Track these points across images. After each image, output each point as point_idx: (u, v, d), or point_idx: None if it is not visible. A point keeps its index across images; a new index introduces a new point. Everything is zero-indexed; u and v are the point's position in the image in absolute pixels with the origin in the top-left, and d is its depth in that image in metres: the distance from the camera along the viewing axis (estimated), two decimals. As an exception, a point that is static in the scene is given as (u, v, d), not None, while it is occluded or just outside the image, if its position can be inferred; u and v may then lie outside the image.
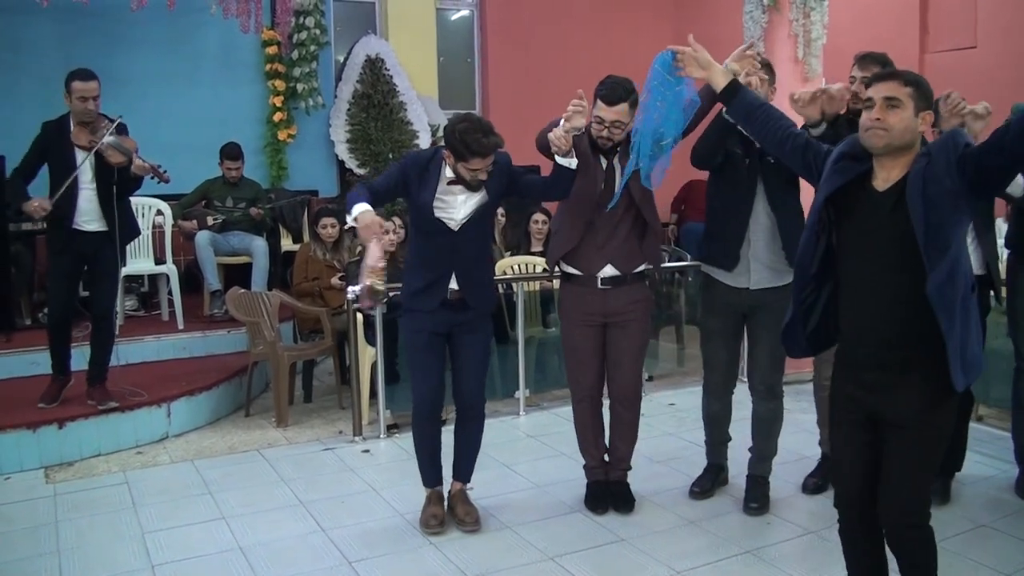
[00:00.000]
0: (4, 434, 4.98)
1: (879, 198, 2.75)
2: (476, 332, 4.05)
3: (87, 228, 5.08)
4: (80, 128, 5.03)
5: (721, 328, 4.26)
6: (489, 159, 3.78)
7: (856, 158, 2.82)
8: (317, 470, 4.96)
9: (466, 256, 3.92)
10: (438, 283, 3.92)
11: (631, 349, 4.19)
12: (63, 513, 4.41)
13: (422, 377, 4.04)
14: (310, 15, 8.85)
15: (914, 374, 2.75)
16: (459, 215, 3.86)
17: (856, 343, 2.85)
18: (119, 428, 5.32)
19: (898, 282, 2.72)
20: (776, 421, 4.32)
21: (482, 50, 10.17)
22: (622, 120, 3.92)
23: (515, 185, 3.98)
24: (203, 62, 8.62)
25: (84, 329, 5.51)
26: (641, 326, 4.21)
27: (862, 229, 2.78)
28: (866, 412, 2.86)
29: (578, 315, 4.16)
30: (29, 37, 7.95)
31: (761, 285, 4.10)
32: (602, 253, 4.07)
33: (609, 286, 4.09)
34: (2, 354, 6.11)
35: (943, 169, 2.61)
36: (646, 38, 10.04)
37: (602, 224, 4.05)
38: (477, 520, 4.13)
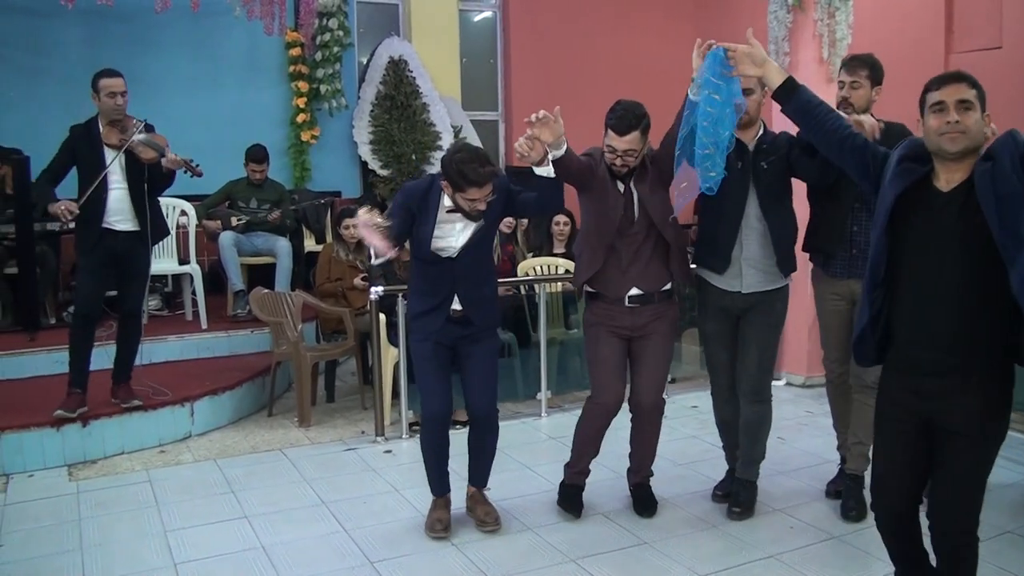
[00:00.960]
0: (28, 432, 5.02)
1: (945, 199, 2.74)
2: (481, 343, 4.05)
3: (119, 228, 5.09)
4: (110, 128, 5.05)
5: (718, 331, 4.24)
6: (487, 189, 3.76)
7: (918, 160, 2.82)
8: (339, 470, 4.97)
9: (466, 278, 3.95)
10: (441, 306, 3.96)
11: (656, 362, 4.18)
12: (86, 511, 4.44)
13: (429, 387, 4.06)
14: (334, 17, 8.87)
15: (975, 380, 2.74)
16: (458, 243, 3.89)
17: (917, 347, 2.81)
18: (142, 427, 5.36)
19: (964, 283, 2.71)
20: (763, 425, 4.27)
21: (505, 51, 10.17)
22: (634, 148, 3.90)
23: (512, 205, 4.01)
24: (227, 64, 8.66)
25: (108, 328, 5.55)
26: (666, 339, 4.19)
27: (927, 231, 2.76)
28: (921, 419, 2.84)
29: (605, 328, 4.13)
30: (54, 39, 8.02)
31: (753, 288, 4.07)
32: (627, 276, 4.05)
33: (637, 304, 4.08)
34: (27, 353, 6.17)
35: (1009, 167, 2.61)
36: (668, 39, 10.03)
37: (624, 248, 4.03)
38: (497, 520, 4.14)
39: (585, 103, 7.05)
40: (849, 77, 4.17)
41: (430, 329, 3.97)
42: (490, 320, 4.10)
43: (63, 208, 4.89)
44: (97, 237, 5.05)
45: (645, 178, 4.02)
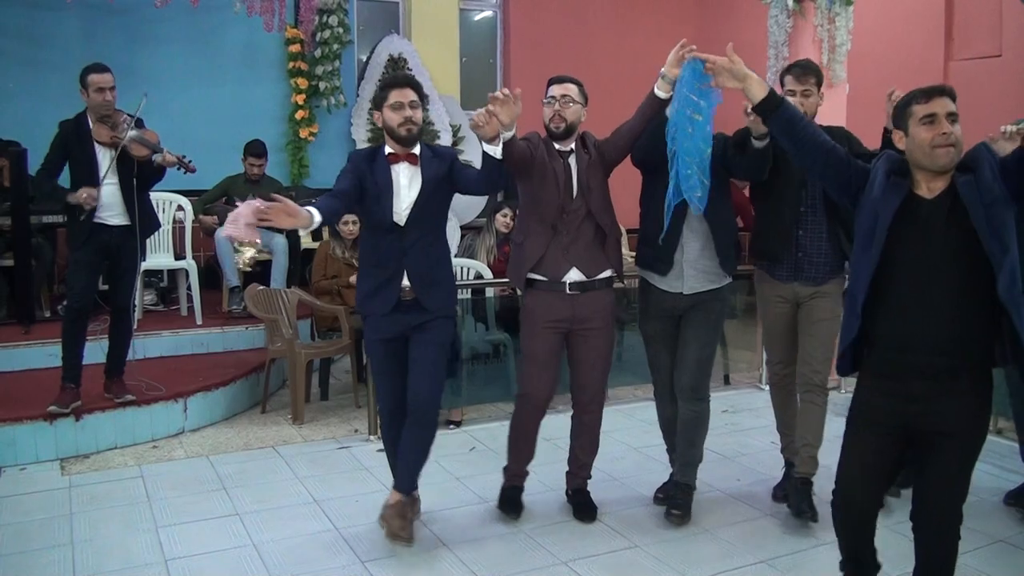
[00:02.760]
0: (21, 425, 5.01)
1: (930, 207, 2.80)
2: (429, 331, 3.91)
3: (111, 222, 5.09)
4: (100, 124, 5.04)
5: (659, 331, 4.23)
6: (408, 91, 3.77)
7: (901, 174, 2.88)
8: (332, 468, 4.96)
9: (416, 254, 3.83)
10: (389, 283, 3.83)
11: (598, 356, 4.15)
12: (78, 505, 4.43)
13: (382, 389, 4.03)
14: (334, 14, 8.86)
15: (962, 382, 2.81)
16: (402, 204, 3.79)
17: (903, 352, 2.84)
18: (135, 422, 5.35)
19: (954, 287, 2.77)
20: (701, 425, 4.24)
21: (504, 51, 10.17)
22: (569, 95, 3.99)
23: (454, 176, 3.90)
24: (226, 59, 8.65)
25: (101, 323, 5.54)
26: (607, 333, 4.17)
27: (914, 239, 2.81)
28: (901, 423, 2.88)
29: (544, 321, 4.09)
30: (53, 32, 8.02)
31: (694, 290, 4.08)
32: (567, 257, 4.03)
33: (577, 291, 4.05)
34: (22, 346, 6.18)
35: (990, 178, 2.72)
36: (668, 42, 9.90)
37: (565, 227, 4.02)
38: (411, 536, 3.92)
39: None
40: (800, 85, 4.12)
41: (380, 314, 3.85)
42: (442, 306, 3.94)
43: (85, 196, 4.90)
44: (88, 232, 5.04)
45: (585, 159, 4.04)
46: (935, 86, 2.86)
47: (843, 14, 6.54)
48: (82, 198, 4.90)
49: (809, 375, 4.18)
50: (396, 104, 3.76)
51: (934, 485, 2.90)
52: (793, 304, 4.24)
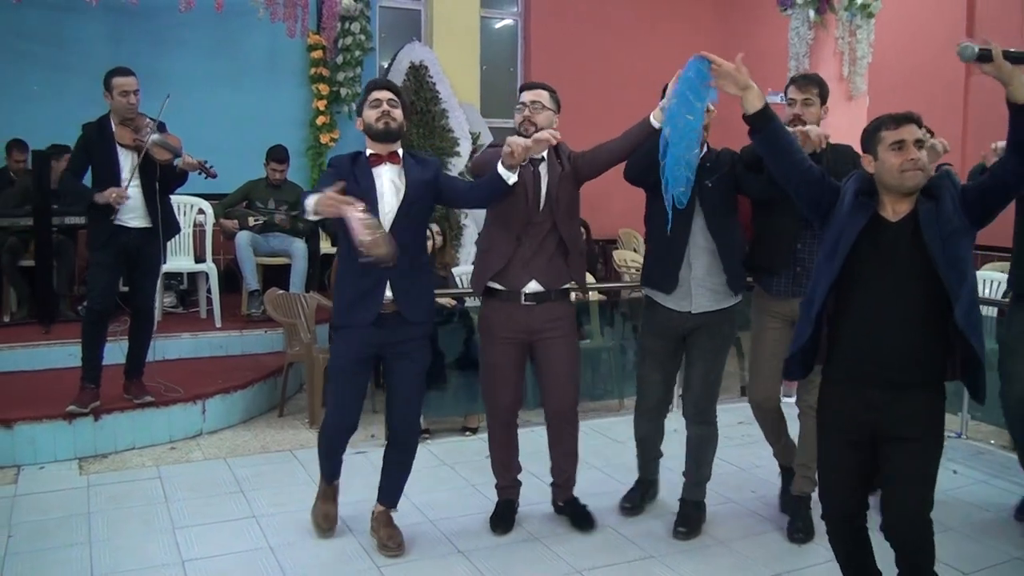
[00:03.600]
0: (41, 424, 5.05)
1: (894, 229, 2.95)
2: (410, 358, 3.87)
3: (131, 225, 5.12)
4: (123, 127, 5.07)
5: (659, 349, 4.20)
6: (386, 91, 3.79)
7: (869, 194, 3.02)
8: (348, 473, 4.92)
9: (400, 263, 3.66)
10: (372, 292, 3.74)
11: (563, 365, 4.10)
12: (95, 505, 4.46)
13: (339, 409, 3.94)
14: (356, 21, 8.91)
15: (918, 389, 2.94)
16: (387, 207, 3.74)
17: (862, 363, 2.97)
18: (154, 423, 5.39)
19: (912, 306, 2.90)
20: (709, 446, 4.24)
21: (525, 59, 10.21)
22: (540, 100, 3.99)
23: (439, 186, 3.89)
24: (248, 65, 8.70)
25: (121, 324, 5.58)
26: (569, 341, 4.14)
27: (876, 258, 2.94)
28: (866, 429, 2.99)
29: (500, 332, 4.08)
30: (78, 35, 8.09)
31: (703, 309, 4.04)
32: (528, 268, 4.00)
33: (533, 302, 4.03)
34: (42, 345, 6.23)
35: (951, 209, 2.89)
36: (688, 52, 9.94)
37: (529, 238, 4.00)
38: (400, 545, 3.97)
39: (604, 113, 7.09)
40: (801, 94, 4.12)
41: (360, 325, 3.76)
42: (422, 317, 3.88)
43: (114, 195, 4.93)
44: (109, 234, 5.07)
45: (557, 171, 4.01)
46: (903, 113, 2.98)
47: (864, 26, 6.54)
48: (112, 197, 4.93)
49: (806, 397, 4.15)
50: (374, 101, 3.77)
51: (897, 490, 2.98)
52: (788, 323, 4.17)
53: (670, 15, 10.50)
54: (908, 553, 2.99)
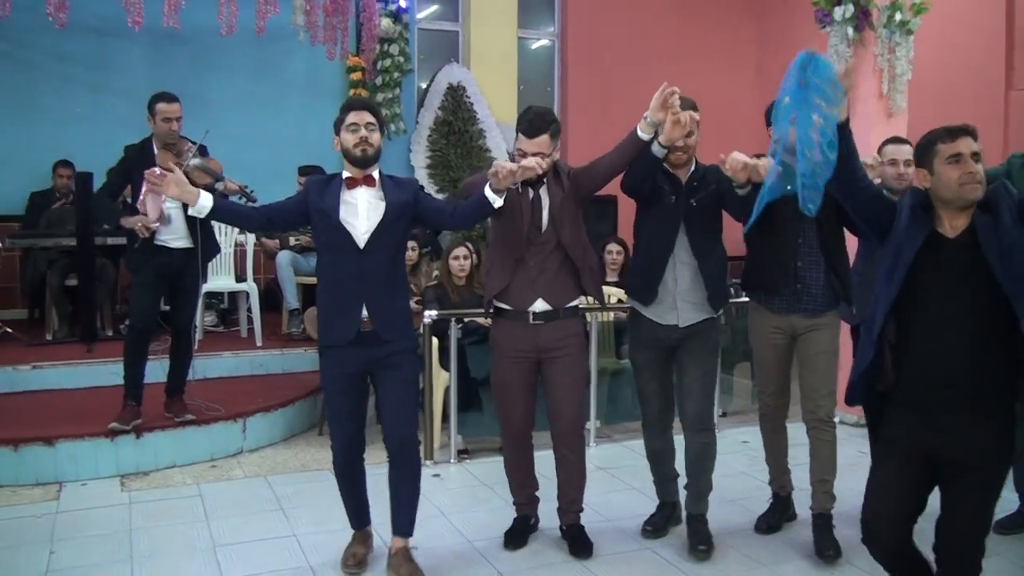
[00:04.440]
0: (83, 441, 5.09)
1: (952, 245, 2.89)
2: (397, 369, 3.77)
3: (173, 245, 5.16)
4: (165, 151, 5.12)
5: (651, 361, 4.16)
6: (365, 113, 3.73)
7: (925, 209, 2.97)
8: (387, 492, 4.93)
9: (375, 283, 3.69)
10: (348, 310, 3.69)
11: (568, 385, 4.05)
12: (137, 521, 4.48)
13: (337, 426, 3.90)
14: (395, 43, 8.97)
15: (982, 416, 2.85)
16: (362, 228, 3.68)
17: (928, 385, 2.90)
18: (195, 441, 5.41)
19: (975, 324, 2.85)
20: (709, 455, 4.17)
21: (562, 79, 10.22)
22: (544, 152, 3.87)
23: (419, 206, 3.81)
24: (289, 87, 8.79)
25: (163, 343, 5.62)
26: (576, 361, 4.09)
27: (937, 275, 2.88)
28: (925, 455, 2.93)
29: (509, 350, 4.05)
30: (120, 59, 8.22)
31: (690, 322, 4.03)
32: (533, 288, 3.97)
33: (541, 321, 4.00)
34: (84, 364, 6.29)
35: (1009, 221, 2.81)
36: (726, 72, 10.02)
37: (532, 258, 3.97)
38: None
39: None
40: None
41: (340, 344, 3.71)
42: (403, 337, 3.80)
43: (140, 224, 4.96)
44: (151, 254, 5.11)
45: (558, 190, 3.97)
46: (959, 126, 2.94)
47: (903, 44, 6.47)
48: (137, 226, 4.97)
49: (813, 410, 4.13)
50: (352, 126, 3.71)
51: (956, 517, 2.93)
52: (789, 336, 4.17)
53: (707, 34, 10.47)
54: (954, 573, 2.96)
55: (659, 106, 3.75)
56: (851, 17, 6.39)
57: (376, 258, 3.68)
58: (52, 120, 8.04)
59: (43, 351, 6.55)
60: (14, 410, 5.63)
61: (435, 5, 9.84)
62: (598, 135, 4.02)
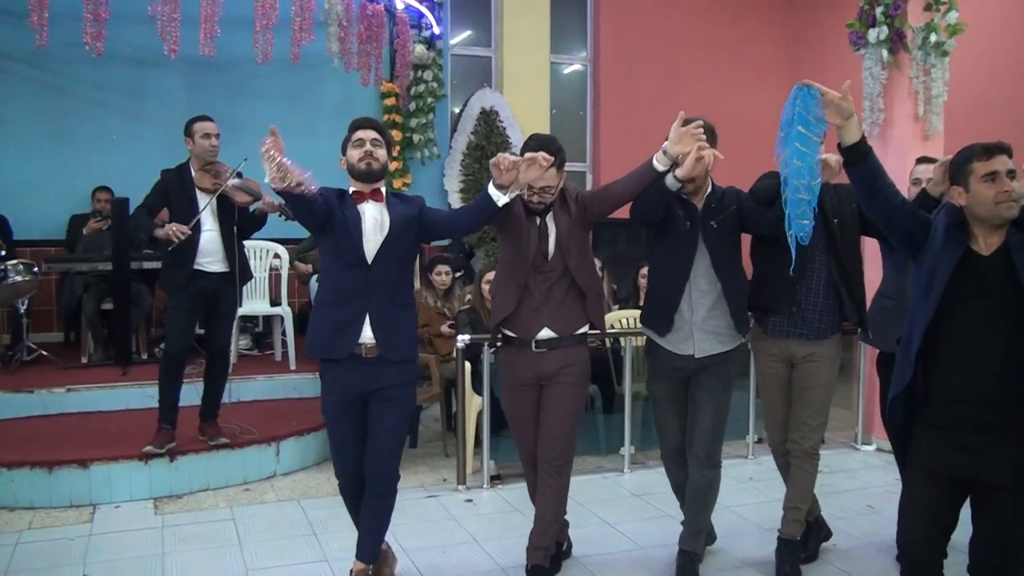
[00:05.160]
0: (117, 464, 5.12)
1: (987, 262, 2.89)
2: (393, 405, 3.73)
3: (209, 269, 5.18)
4: (203, 173, 5.17)
5: (669, 393, 4.09)
6: (370, 131, 3.73)
7: (960, 227, 2.96)
8: (420, 517, 4.94)
9: (381, 298, 3.66)
10: (349, 326, 3.65)
11: (562, 411, 3.95)
12: (170, 545, 4.48)
13: (339, 454, 3.86)
14: (428, 68, 9.04)
15: (1013, 435, 2.86)
16: (369, 242, 3.66)
17: (956, 404, 2.90)
18: (228, 464, 5.42)
19: (1008, 343, 2.84)
20: (712, 492, 4.09)
21: (595, 103, 10.22)
22: (551, 184, 3.82)
23: (423, 220, 3.77)
24: (323, 113, 8.84)
25: (197, 366, 5.64)
26: (575, 389, 3.98)
27: (971, 294, 2.88)
28: (956, 473, 2.92)
29: (512, 379, 4.01)
30: (157, 87, 8.35)
31: (706, 352, 3.95)
32: (538, 316, 3.91)
33: (544, 349, 3.93)
34: (119, 386, 6.33)
35: None
36: (761, 96, 9.96)
37: (537, 286, 3.91)
38: None
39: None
40: None
41: (335, 358, 3.68)
42: (403, 355, 3.73)
43: (173, 229, 4.97)
44: (188, 278, 5.14)
45: (565, 216, 3.91)
46: (995, 143, 2.93)
47: (939, 65, 6.41)
48: (170, 231, 4.97)
49: (799, 440, 4.07)
50: (357, 141, 3.72)
51: (988, 539, 2.93)
52: (787, 364, 4.11)
53: (740, 58, 10.46)
54: None
55: (679, 139, 3.66)
56: (886, 39, 6.35)
57: (382, 273, 3.67)
58: (90, 147, 8.17)
59: (78, 374, 6.60)
60: (49, 432, 5.68)
61: (468, 31, 9.91)
62: (630, 159, 3.97)
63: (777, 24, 10.69)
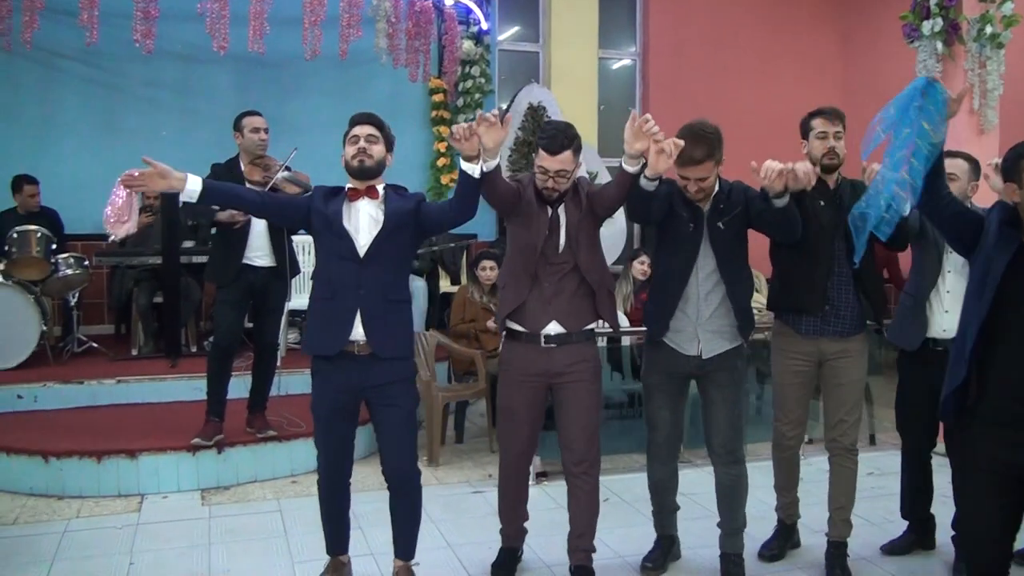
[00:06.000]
0: (165, 455, 5.17)
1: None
2: (394, 404, 3.68)
3: (258, 263, 5.21)
4: (252, 166, 5.19)
5: (665, 385, 4.00)
6: (367, 127, 3.70)
7: (1013, 224, 2.92)
8: (465, 513, 4.92)
9: (372, 294, 3.60)
10: (340, 321, 3.59)
11: (581, 411, 3.86)
12: (216, 536, 4.51)
13: (322, 449, 3.84)
14: (476, 64, 9.05)
15: None
16: (363, 238, 3.62)
17: (1013, 401, 2.85)
18: (276, 456, 5.45)
19: None
20: (740, 488, 4.00)
21: (643, 99, 10.16)
22: (566, 168, 3.74)
23: (421, 213, 3.72)
24: (372, 109, 8.71)
25: (246, 359, 5.66)
26: (589, 386, 3.88)
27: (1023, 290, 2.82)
28: (1014, 473, 2.86)
29: (518, 374, 3.90)
30: (207, 85, 8.43)
31: (714, 352, 3.87)
32: (548, 309, 3.82)
33: (553, 344, 3.84)
34: (168, 379, 6.41)
35: None
36: (811, 90, 9.82)
37: (547, 277, 3.82)
38: None
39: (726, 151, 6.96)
40: (832, 127, 3.97)
41: (327, 354, 3.63)
42: (394, 353, 3.66)
43: (232, 213, 5.00)
44: (237, 272, 5.16)
45: (576, 208, 3.83)
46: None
47: (994, 58, 6.28)
48: (230, 215, 5.01)
49: (839, 438, 4.01)
50: (353, 138, 3.70)
51: None
52: (815, 363, 4.05)
53: (791, 52, 10.33)
54: None
55: (632, 137, 3.52)
56: (940, 31, 6.23)
57: (375, 269, 3.62)
58: (140, 143, 8.17)
59: (128, 366, 6.69)
60: (98, 423, 5.76)
61: (516, 27, 9.89)
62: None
63: (829, 17, 10.55)
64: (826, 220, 3.93)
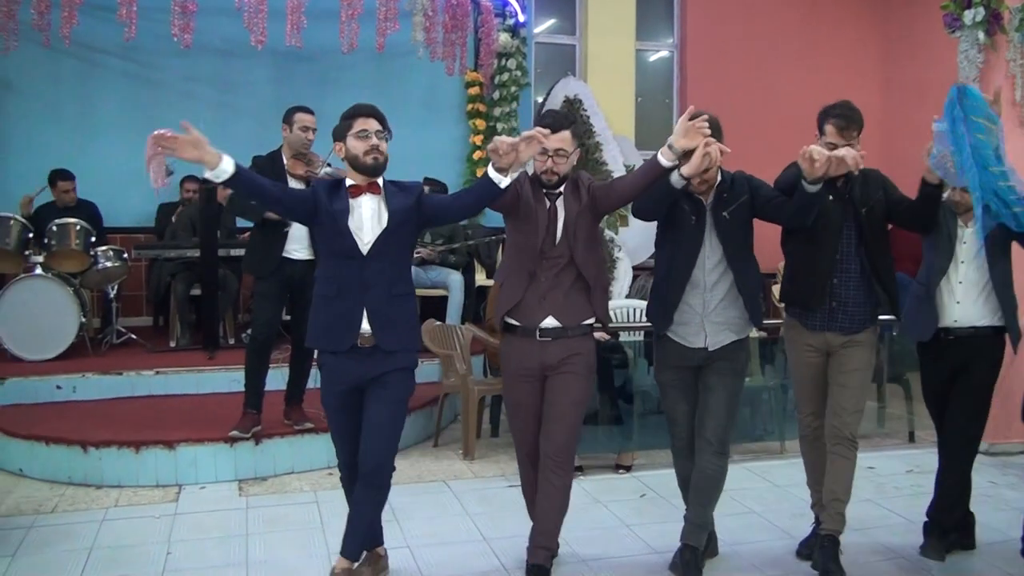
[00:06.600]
0: (203, 446, 5.20)
1: None
2: (387, 387, 3.64)
3: (296, 256, 5.22)
4: (295, 161, 5.20)
5: (679, 381, 3.97)
6: (372, 120, 3.62)
7: None
8: (501, 506, 4.90)
9: (378, 290, 3.58)
10: (347, 318, 3.58)
11: (563, 405, 3.80)
12: (253, 526, 4.53)
13: (340, 443, 3.82)
14: (512, 57, 9.01)
15: None
16: (366, 235, 3.59)
17: None
18: (313, 448, 5.45)
19: None
20: (719, 482, 3.94)
21: (681, 91, 10.08)
22: (564, 148, 3.72)
23: (421, 208, 3.68)
24: (408, 103, 8.87)
25: (283, 352, 5.68)
26: (580, 381, 3.83)
27: None
28: None
29: (516, 369, 3.87)
30: (245, 79, 8.47)
31: (719, 344, 3.84)
32: (543, 304, 3.78)
33: (548, 338, 3.79)
34: (206, 371, 6.45)
35: None
36: (853, 81, 9.68)
37: (544, 272, 3.77)
38: None
39: (764, 144, 6.88)
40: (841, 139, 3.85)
41: (334, 352, 3.64)
42: (400, 346, 3.65)
43: None
44: (276, 264, 5.18)
45: (575, 203, 3.79)
46: None
47: (1038, 46, 6.15)
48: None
49: (839, 427, 3.93)
50: (362, 132, 3.60)
51: None
52: (824, 354, 4.00)
53: (830, 43, 10.19)
54: None
55: (684, 132, 3.52)
56: (982, 21, 6.10)
57: (379, 265, 3.59)
58: (177, 136, 8.29)
59: (166, 357, 6.74)
60: (137, 414, 5.81)
61: (553, 19, 9.85)
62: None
63: (868, 8, 10.39)
64: (834, 216, 3.87)
